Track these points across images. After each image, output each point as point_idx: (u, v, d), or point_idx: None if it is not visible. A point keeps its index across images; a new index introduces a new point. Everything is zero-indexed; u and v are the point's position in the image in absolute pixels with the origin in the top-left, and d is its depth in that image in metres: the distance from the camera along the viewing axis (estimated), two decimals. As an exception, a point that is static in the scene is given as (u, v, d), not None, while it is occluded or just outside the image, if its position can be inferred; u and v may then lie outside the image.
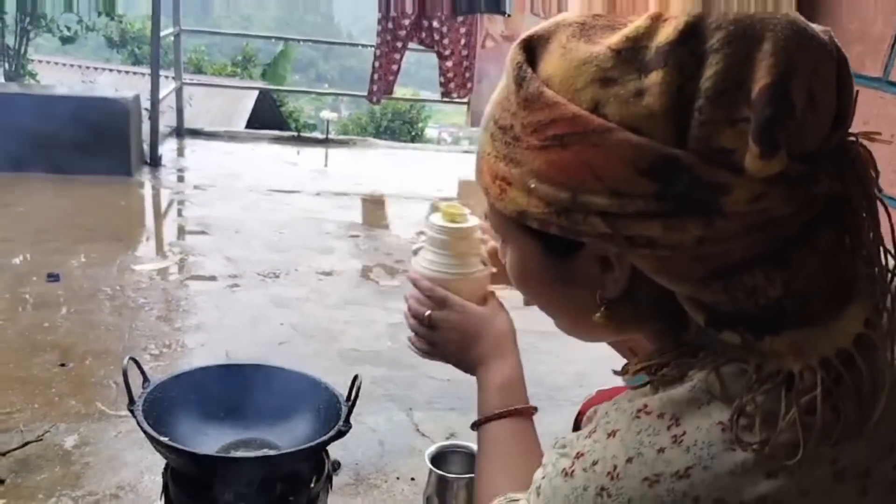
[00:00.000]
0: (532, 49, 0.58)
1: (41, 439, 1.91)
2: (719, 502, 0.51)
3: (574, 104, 0.52)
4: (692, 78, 0.49)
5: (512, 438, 0.91)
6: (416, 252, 1.04)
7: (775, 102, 0.47)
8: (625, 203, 0.51)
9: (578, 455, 0.58)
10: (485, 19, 5.24)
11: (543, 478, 0.61)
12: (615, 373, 0.65)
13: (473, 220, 1.01)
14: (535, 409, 0.96)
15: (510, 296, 0.97)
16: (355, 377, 1.39)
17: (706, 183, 0.49)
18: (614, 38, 0.52)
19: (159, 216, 4.27)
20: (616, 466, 0.54)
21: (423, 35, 5.25)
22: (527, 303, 0.71)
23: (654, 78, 0.50)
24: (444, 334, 1.00)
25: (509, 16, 5.22)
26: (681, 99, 0.50)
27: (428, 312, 1.00)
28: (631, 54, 0.51)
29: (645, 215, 0.51)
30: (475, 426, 0.96)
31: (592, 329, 0.65)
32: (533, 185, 0.55)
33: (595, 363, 2.33)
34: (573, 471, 0.57)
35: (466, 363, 1.00)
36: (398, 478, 1.92)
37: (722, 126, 0.49)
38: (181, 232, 3.97)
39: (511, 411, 0.92)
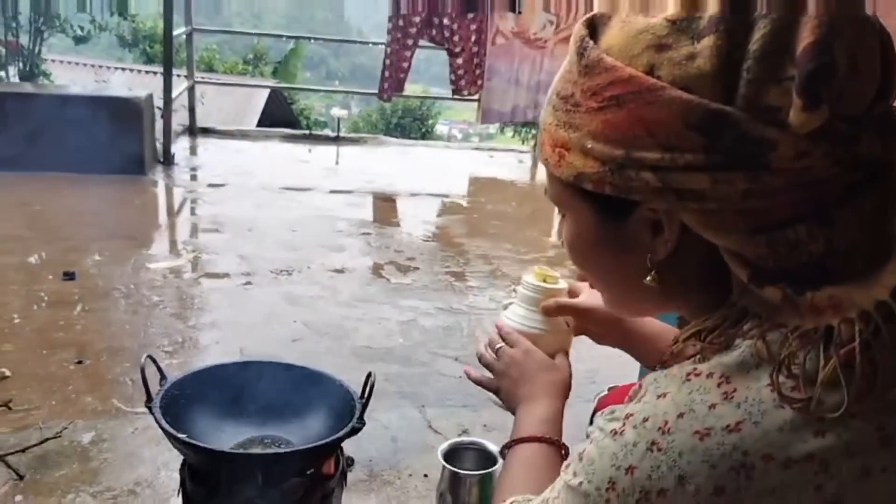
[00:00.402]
0: (594, 25, 0.62)
1: (59, 436, 1.93)
2: (767, 458, 0.53)
3: (630, 67, 0.56)
4: (741, 43, 0.53)
5: (541, 460, 0.91)
6: (506, 307, 1.14)
7: (818, 58, 0.50)
8: (675, 157, 0.54)
9: (628, 416, 0.59)
10: (495, 16, 5.24)
11: (590, 443, 0.62)
12: (664, 362, 0.65)
13: (562, 284, 1.10)
14: (568, 449, 0.95)
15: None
16: (369, 374, 1.40)
17: (753, 138, 0.52)
18: (670, 11, 0.56)
19: (173, 214, 4.31)
20: (667, 422, 0.56)
21: (434, 32, 5.25)
22: (580, 277, 0.74)
23: (706, 43, 0.54)
24: (504, 367, 1.04)
25: (520, 13, 5.22)
26: (730, 61, 0.53)
27: (500, 345, 1.06)
28: (685, 24, 0.55)
29: (694, 168, 0.54)
30: (506, 447, 0.97)
31: (641, 299, 0.68)
32: (590, 146, 0.59)
33: (606, 360, 2.33)
34: (623, 430, 0.59)
35: (513, 398, 1.03)
36: (411, 474, 1.93)
37: (768, 84, 0.52)
38: (195, 230, 4.00)
39: (545, 438, 0.93)
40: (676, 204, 0.56)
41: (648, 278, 0.63)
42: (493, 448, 1.75)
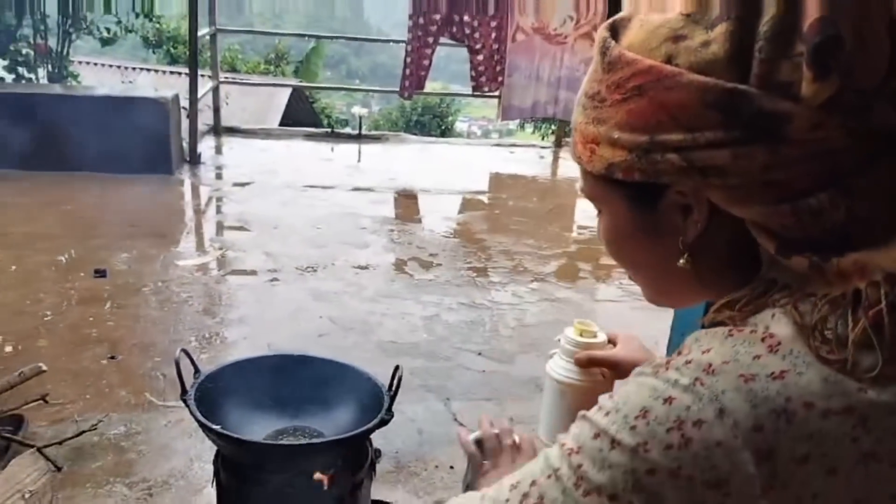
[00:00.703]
0: (615, 28, 0.67)
1: (95, 428, 1.99)
2: (809, 406, 0.55)
3: (650, 59, 0.61)
4: (752, 27, 0.57)
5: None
6: (551, 356, 1.19)
7: (824, 31, 0.54)
8: (696, 136, 0.58)
9: (668, 362, 0.61)
10: (515, 13, 5.25)
11: (624, 385, 0.63)
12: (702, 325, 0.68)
13: (601, 337, 1.16)
14: None
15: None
16: (397, 367, 1.42)
17: (768, 112, 0.56)
18: (684, 6, 0.61)
19: (200, 212, 4.37)
20: (711, 364, 0.58)
21: (454, 30, 5.27)
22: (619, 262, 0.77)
23: (719, 30, 0.58)
24: (503, 458, 1.06)
25: (539, 10, 5.22)
26: (742, 45, 0.57)
27: (511, 440, 1.08)
28: (699, 15, 0.60)
29: (715, 145, 0.57)
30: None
31: (678, 285, 0.71)
32: (616, 136, 0.63)
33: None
34: (665, 370, 0.60)
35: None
36: (437, 466, 1.96)
37: (780, 61, 0.56)
38: (221, 228, 4.06)
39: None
40: (701, 182, 0.60)
41: (682, 261, 0.66)
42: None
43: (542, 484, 0.61)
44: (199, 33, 4.94)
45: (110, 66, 12.15)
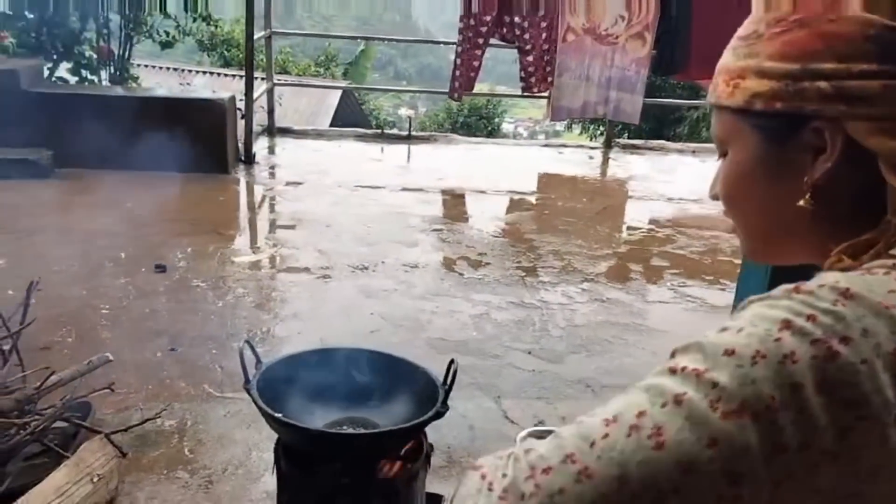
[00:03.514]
0: None
1: (159, 416, 2.06)
2: None
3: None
4: None
5: None
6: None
7: None
8: (850, 67, 0.62)
9: (796, 288, 0.58)
10: (566, 13, 5.24)
11: (739, 314, 0.59)
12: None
13: None
14: None
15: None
16: (452, 361, 1.45)
17: None
18: None
19: (254, 211, 4.48)
20: (849, 289, 0.56)
21: (505, 31, 5.28)
22: (727, 214, 0.78)
23: None
24: None
25: (590, 10, 5.19)
26: None
27: None
28: None
29: (867, 76, 0.61)
30: None
31: (788, 231, 0.72)
32: (767, 65, 0.67)
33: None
34: (796, 294, 0.57)
35: None
36: (488, 462, 1.98)
37: None
38: (275, 226, 4.15)
39: None
40: (846, 111, 0.63)
41: (802, 201, 0.67)
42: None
43: (654, 413, 0.53)
44: (255, 36, 5.05)
45: (167, 68, 12.48)
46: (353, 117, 11.71)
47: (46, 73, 5.33)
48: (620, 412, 0.55)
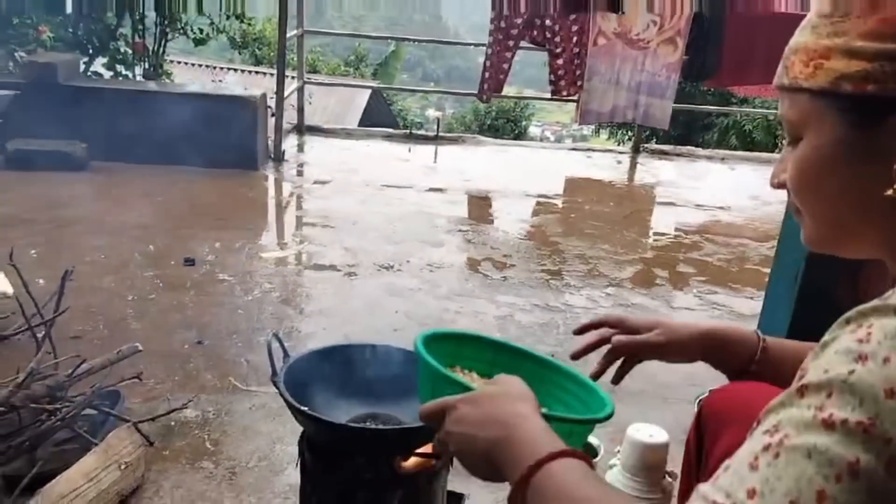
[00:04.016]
0: None
1: (186, 407, 2.09)
2: None
3: None
4: None
5: (591, 474, 0.68)
6: (610, 467, 1.25)
7: None
8: None
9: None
10: (597, 16, 5.22)
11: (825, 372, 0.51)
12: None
13: (664, 437, 1.28)
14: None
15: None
16: (476, 361, 1.45)
17: None
18: None
19: (282, 208, 4.52)
20: None
21: (535, 33, 5.27)
22: (797, 215, 0.74)
23: None
24: (454, 428, 0.82)
25: (623, 13, 5.18)
26: None
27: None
28: None
29: None
30: (526, 477, 0.69)
31: (864, 225, 0.68)
32: (858, 44, 0.62)
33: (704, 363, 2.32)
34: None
35: (483, 445, 0.78)
36: (509, 463, 1.98)
37: None
38: (303, 223, 4.18)
39: (577, 453, 0.70)
40: None
41: (891, 190, 0.63)
42: (595, 440, 1.79)
43: (834, 494, 0.46)
44: (287, 35, 5.09)
45: (199, 65, 12.65)
46: (381, 117, 11.78)
47: (82, 67, 5.43)
48: (791, 491, 0.47)
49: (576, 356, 1.20)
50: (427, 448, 1.30)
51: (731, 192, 5.19)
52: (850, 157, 0.66)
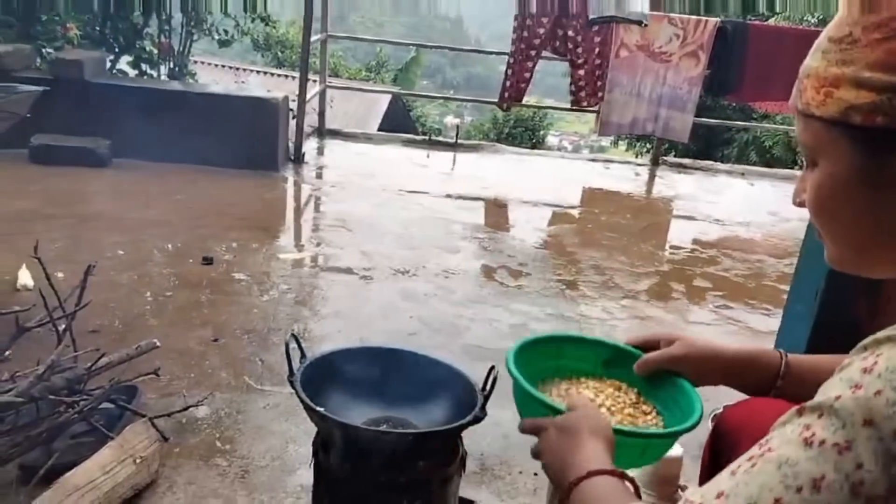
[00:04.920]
0: None
1: (201, 404, 2.11)
2: None
3: None
4: None
5: (620, 489, 0.82)
6: None
7: None
8: None
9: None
10: (620, 28, 5.22)
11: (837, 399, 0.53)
12: None
13: (678, 451, 1.30)
14: (636, 484, 0.89)
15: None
16: (492, 367, 1.46)
17: None
18: None
19: (301, 210, 4.55)
20: None
21: (557, 44, 5.29)
22: (819, 236, 0.75)
23: None
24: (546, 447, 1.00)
25: (646, 25, 5.18)
26: None
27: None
28: None
29: None
30: (569, 488, 0.86)
31: (882, 245, 0.68)
32: (867, 75, 0.61)
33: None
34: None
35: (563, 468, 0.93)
36: (521, 472, 1.98)
37: None
38: (321, 225, 4.20)
39: (616, 472, 0.85)
40: None
41: None
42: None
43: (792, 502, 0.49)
44: (311, 39, 5.13)
45: (222, 66, 12.76)
46: (400, 123, 11.83)
47: (108, 65, 5.50)
48: (752, 495, 0.51)
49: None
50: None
51: (750, 208, 5.17)
52: (864, 184, 0.66)
